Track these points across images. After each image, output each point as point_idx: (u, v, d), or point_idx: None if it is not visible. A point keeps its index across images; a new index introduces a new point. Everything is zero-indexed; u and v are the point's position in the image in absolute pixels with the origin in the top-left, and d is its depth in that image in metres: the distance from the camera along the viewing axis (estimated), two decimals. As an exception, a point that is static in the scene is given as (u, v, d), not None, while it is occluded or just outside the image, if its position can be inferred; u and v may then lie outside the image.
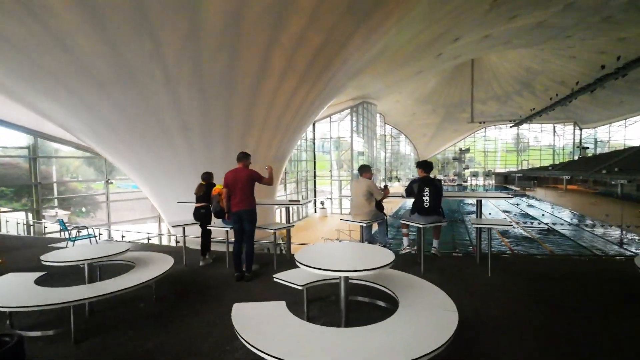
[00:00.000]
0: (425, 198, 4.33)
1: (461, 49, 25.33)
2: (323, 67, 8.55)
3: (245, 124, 8.35)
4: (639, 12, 21.99)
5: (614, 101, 44.67)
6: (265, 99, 8.13)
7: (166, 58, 6.66)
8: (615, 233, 19.11)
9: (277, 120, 8.97)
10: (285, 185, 23.67)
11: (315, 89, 9.13)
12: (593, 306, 3.31)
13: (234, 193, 4.21)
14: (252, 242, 4.29)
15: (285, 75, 7.91)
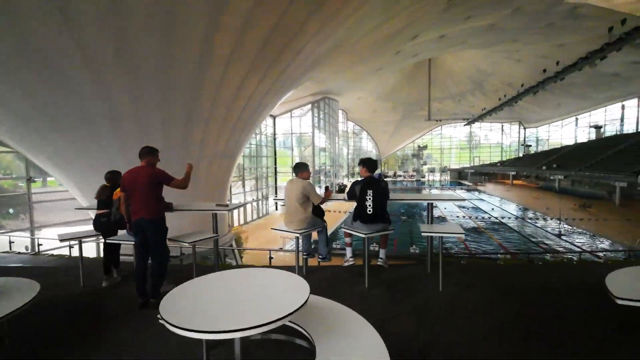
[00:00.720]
0: (368, 203, 3.76)
1: (419, 47, 25.85)
2: (275, 55, 7.90)
3: (188, 115, 7.43)
4: (576, 20, 23.84)
5: (553, 103, 48.79)
6: (211, 87, 7.30)
7: (83, 34, 5.61)
8: (554, 224, 20.66)
9: (225, 111, 8.17)
10: (243, 183, 22.64)
11: (267, 79, 8.45)
12: (567, 330, 2.84)
13: (132, 198, 3.39)
14: (161, 260, 3.46)
15: (232, 63, 7.14)
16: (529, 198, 34.04)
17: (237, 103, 8.22)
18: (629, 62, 30.78)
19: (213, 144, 8.56)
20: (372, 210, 3.74)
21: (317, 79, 21.20)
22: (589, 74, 35.81)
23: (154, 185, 3.39)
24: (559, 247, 15.62)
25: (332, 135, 36.46)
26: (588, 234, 18.15)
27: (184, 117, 7.47)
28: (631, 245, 15.10)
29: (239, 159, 23.24)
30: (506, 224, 21.18)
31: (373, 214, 3.74)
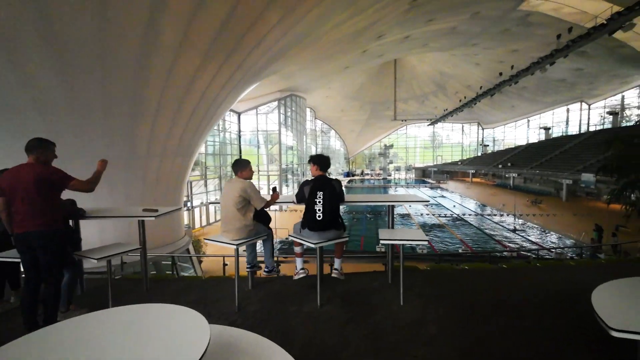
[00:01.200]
0: (318, 207, 3.19)
1: (385, 47, 26.16)
2: (232, 45, 7.33)
3: (133, 107, 6.63)
4: (528, 28, 25.33)
5: (508, 105, 51.99)
6: (158, 77, 6.57)
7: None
8: (510, 220, 21.82)
9: (177, 104, 7.46)
10: (205, 182, 21.55)
11: (225, 71, 7.85)
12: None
13: (14, 205, 2.63)
14: (56, 285, 2.71)
15: (182, 50, 6.48)
16: (486, 195, 35.90)
17: (190, 96, 7.55)
18: (574, 69, 33.39)
19: (164, 140, 7.80)
20: (321, 215, 3.17)
21: (282, 74, 20.65)
22: (539, 79, 38.53)
23: (44, 189, 2.63)
24: (515, 245, 16.43)
25: (300, 133, 36.00)
26: (539, 229, 19.32)
27: (128, 110, 6.65)
28: (578, 240, 16.28)
29: (200, 157, 22.11)
30: (467, 220, 22.02)
31: (323, 220, 3.17)
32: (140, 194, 7.91)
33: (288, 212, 24.55)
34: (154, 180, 8.13)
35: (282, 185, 27.75)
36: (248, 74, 9.03)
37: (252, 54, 8.20)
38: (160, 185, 8.43)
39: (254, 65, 8.86)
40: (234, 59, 7.74)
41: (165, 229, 8.70)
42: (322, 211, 3.19)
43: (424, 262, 13.18)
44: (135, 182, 7.68)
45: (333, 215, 3.23)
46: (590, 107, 43.24)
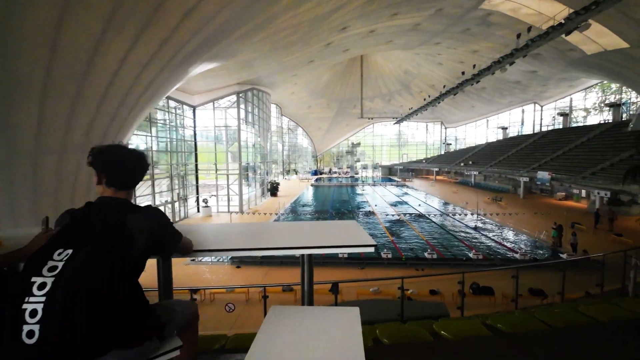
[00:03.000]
0: (35, 307, 0.99)
1: (350, 41, 25.28)
2: (149, 14, 5.83)
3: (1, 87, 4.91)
4: (489, 28, 25.66)
5: (468, 105, 53.73)
6: (36, 46, 4.89)
7: None
8: (472, 217, 21.86)
9: (74, 87, 5.80)
10: (152, 183, 19.34)
11: (142, 47, 6.30)
12: None
13: None
14: None
15: (68, 8, 4.86)
16: (449, 193, 36.51)
17: (93, 76, 5.93)
18: (528, 72, 34.75)
19: (59, 133, 6.10)
20: (38, 334, 0.96)
21: (238, 63, 18.97)
22: (496, 81, 39.87)
23: None
24: (478, 243, 16.17)
25: (264, 129, 34.28)
26: (500, 226, 19.40)
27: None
28: (538, 239, 16.38)
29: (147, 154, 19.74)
30: (431, 219, 21.73)
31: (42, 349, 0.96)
32: (30, 201, 6.15)
33: (240, 215, 22.87)
34: (53, 183, 6.38)
35: (243, 185, 26.00)
36: (180, 53, 7.50)
37: (180, 29, 6.71)
38: (63, 189, 6.67)
39: (187, 43, 7.35)
40: (154, 32, 6.22)
41: None
42: (44, 320, 0.98)
43: (389, 268, 12.43)
44: (19, 186, 5.90)
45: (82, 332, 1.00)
46: (542, 109, 45.68)
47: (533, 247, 15.39)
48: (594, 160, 26.24)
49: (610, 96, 37.95)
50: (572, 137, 33.23)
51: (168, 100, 21.34)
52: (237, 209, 25.06)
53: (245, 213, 23.21)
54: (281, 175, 60.59)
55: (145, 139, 19.59)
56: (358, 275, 11.76)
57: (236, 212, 23.47)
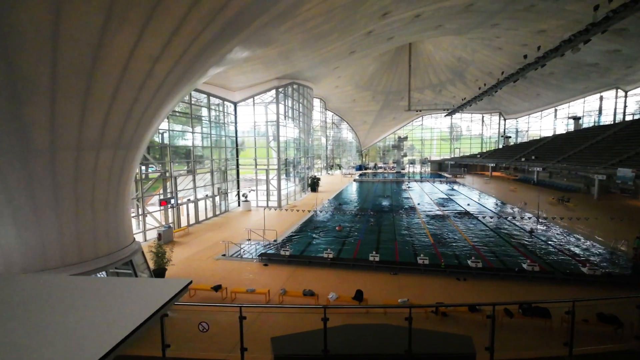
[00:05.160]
0: None
1: (393, 28, 23.67)
2: (151, 3, 5.54)
3: (11, 84, 4.95)
4: (556, 2, 22.20)
5: (532, 94, 47.99)
6: (35, 38, 4.82)
7: None
8: (531, 222, 19.26)
9: (84, 80, 5.74)
10: (194, 177, 20.09)
11: (149, 38, 6.07)
12: None
13: None
14: None
15: (65, 0, 4.70)
16: (506, 191, 32.96)
17: (102, 71, 5.85)
18: (609, 51, 29.68)
19: (73, 129, 6.15)
20: None
21: (273, 55, 18.73)
22: (568, 64, 34.77)
23: None
24: (533, 251, 14.06)
25: (306, 124, 34.07)
26: (566, 232, 16.73)
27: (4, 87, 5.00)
28: (615, 249, 13.70)
29: (190, 150, 20.51)
30: (480, 220, 19.61)
31: None
32: (51, 197, 6.35)
33: (278, 211, 22.84)
34: (69, 180, 6.53)
35: (282, 180, 26.05)
36: (195, 45, 7.23)
37: (190, 20, 6.39)
38: (84, 185, 6.82)
39: (200, 34, 7.04)
40: (160, 23, 5.96)
41: (89, 235, 7.13)
42: None
43: (425, 276, 11.23)
44: (38, 182, 6.09)
45: None
46: (627, 94, 38.92)
47: (608, 259, 12.90)
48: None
49: None
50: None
51: (209, 97, 21.97)
52: (276, 204, 25.18)
53: (284, 209, 23.18)
54: (324, 170, 60.35)
55: (189, 135, 20.39)
56: (388, 281, 10.78)
57: (275, 208, 23.55)
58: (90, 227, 7.24)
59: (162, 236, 15.26)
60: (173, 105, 9.35)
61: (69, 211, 6.87)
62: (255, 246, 14.71)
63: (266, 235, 15.93)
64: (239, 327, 4.08)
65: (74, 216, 6.97)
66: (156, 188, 19.21)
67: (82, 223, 7.14)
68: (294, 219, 20.20)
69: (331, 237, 16.80)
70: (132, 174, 8.50)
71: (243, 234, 16.50)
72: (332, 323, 5.06)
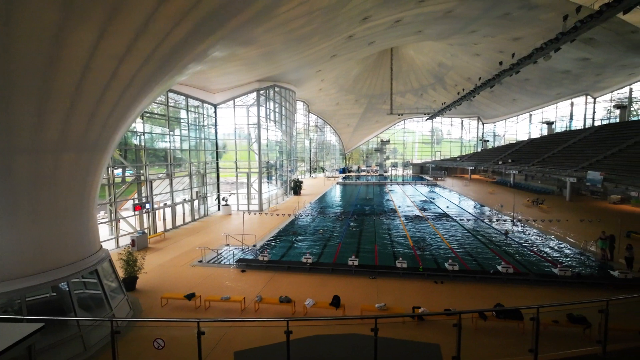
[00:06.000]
0: None
1: (374, 32, 23.88)
2: (113, 1, 5.28)
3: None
4: (531, 11, 23.02)
5: (509, 99, 49.59)
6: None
7: None
8: (507, 223, 19.77)
9: (40, 79, 5.38)
10: (170, 181, 19.50)
11: (113, 38, 5.79)
12: None
13: None
14: None
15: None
16: (484, 193, 33.79)
17: (59, 70, 5.51)
18: (579, 59, 31.05)
19: (28, 131, 5.76)
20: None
21: (255, 57, 18.48)
22: (542, 71, 36.18)
23: None
24: (507, 253, 14.40)
25: (288, 127, 33.85)
26: (539, 234, 17.25)
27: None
28: (584, 249, 14.20)
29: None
30: (459, 223, 19.97)
31: None
32: (6, 201, 5.93)
33: (259, 215, 22.53)
34: (26, 184, 6.12)
35: (263, 184, 25.71)
36: (164, 45, 6.96)
37: (157, 17, 6.14)
38: (40, 190, 6.41)
39: (169, 34, 6.79)
40: (124, 22, 5.68)
41: (50, 244, 6.72)
42: None
43: (404, 279, 11.25)
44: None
45: None
46: (595, 101, 40.86)
47: (578, 260, 13.35)
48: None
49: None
50: (631, 132, 29.21)
51: (188, 99, 21.45)
52: (257, 208, 24.80)
53: (265, 213, 22.87)
54: (308, 173, 60.20)
55: (167, 138, 19.80)
56: (366, 285, 10.71)
57: (256, 212, 23.17)
58: (51, 234, 6.81)
59: (135, 242, 14.68)
60: (144, 106, 9.00)
61: (27, 218, 6.44)
62: (233, 252, 14.38)
63: (245, 240, 15.62)
64: (197, 343, 3.86)
65: (33, 223, 6.54)
66: (131, 192, 18.54)
67: (42, 231, 6.71)
68: (274, 223, 19.93)
69: (312, 241, 16.66)
70: (99, 178, 8.08)
71: (222, 239, 16.11)
72: (303, 333, 4.91)
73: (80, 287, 8.15)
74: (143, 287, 10.70)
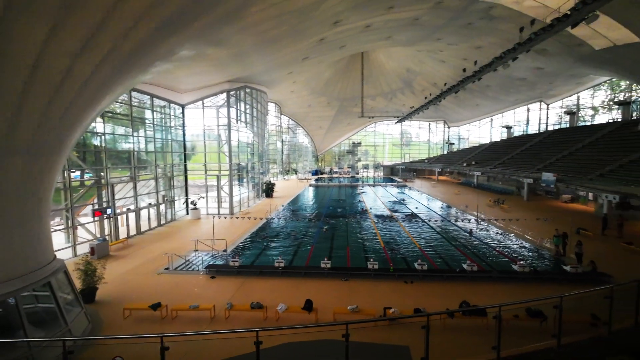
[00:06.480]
0: None
1: (345, 36, 24.21)
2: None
3: None
4: (491, 21, 24.40)
5: (472, 104, 52.25)
6: None
7: None
8: (471, 223, 20.73)
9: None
10: (134, 184, 18.52)
11: (67, 34, 5.42)
12: None
13: None
14: None
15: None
16: (450, 194, 35.27)
17: (6, 63, 5.05)
18: (534, 68, 33.33)
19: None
20: None
21: (224, 58, 18.07)
22: (502, 78, 38.46)
23: None
24: (473, 250, 15.10)
25: (260, 129, 33.38)
26: (501, 232, 18.26)
27: None
28: (540, 247, 15.23)
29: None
30: (428, 224, 20.68)
31: None
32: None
33: (230, 219, 22.04)
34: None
35: (235, 186, 25.14)
36: (126, 43, 6.59)
37: (116, 14, 5.80)
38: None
39: (131, 31, 6.44)
40: (78, 15, 5.32)
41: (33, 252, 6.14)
42: None
43: (376, 280, 11.44)
44: None
45: None
46: (548, 107, 44.07)
47: (535, 256, 14.27)
48: (602, 161, 24.90)
49: (620, 94, 36.32)
50: (579, 136, 31.81)
51: (153, 99, 20.51)
52: (228, 211, 24.19)
53: (236, 216, 22.31)
54: (280, 175, 59.73)
55: (131, 139, 18.80)
56: (339, 288, 10.77)
57: (226, 216, 22.58)
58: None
59: (95, 250, 13.77)
60: (105, 106, 8.49)
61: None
62: (203, 257, 13.89)
63: (215, 245, 15.16)
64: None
65: (-26, 234, 5.93)
66: (90, 196, 17.38)
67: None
68: (246, 227, 19.54)
69: (284, 244, 16.50)
70: (51, 183, 7.50)
71: (190, 245, 15.52)
72: (274, 340, 4.82)
73: (32, 302, 7.50)
74: (104, 299, 10.05)
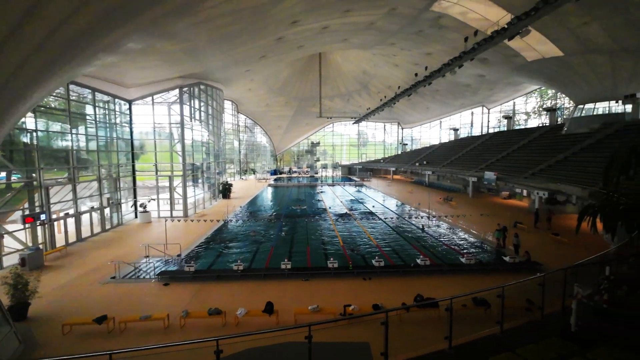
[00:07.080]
0: None
1: (303, 37, 24.27)
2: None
3: None
4: (440, 30, 26.04)
5: (423, 107, 55.37)
6: None
7: None
8: (423, 219, 21.98)
9: None
10: (74, 186, 16.82)
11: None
12: None
13: None
14: None
15: None
16: (405, 192, 37.06)
17: None
18: (478, 75, 36.24)
19: None
20: None
21: (177, 53, 17.14)
22: (449, 83, 41.28)
23: None
24: (425, 245, 16.01)
25: (216, 127, 32.16)
26: (450, 228, 19.61)
27: None
28: (484, 240, 16.64)
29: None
30: (387, 223, 21.51)
31: None
32: None
33: (184, 222, 21.06)
34: None
35: (189, 187, 23.96)
36: (61, 32, 5.97)
37: (41, 5, 5.23)
38: None
39: (67, 20, 5.85)
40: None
41: None
42: None
43: (336, 279, 11.66)
44: None
45: None
46: (489, 111, 48.22)
47: (480, 249, 15.54)
48: (534, 161, 27.82)
49: (548, 101, 40.96)
50: (515, 139, 35.20)
51: (95, 93, 18.80)
52: (182, 214, 23.01)
53: (190, 220, 21.32)
54: (238, 175, 58.18)
55: (69, 137, 17.01)
56: (300, 288, 10.81)
57: (180, 219, 21.45)
58: None
59: (26, 261, 12.29)
60: (37, 100, 7.63)
61: None
62: (154, 264, 13.05)
63: (168, 250, 14.34)
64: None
65: None
66: (20, 200, 15.44)
67: None
68: (202, 230, 18.74)
69: (243, 247, 16.11)
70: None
71: (140, 251, 14.50)
72: (235, 347, 4.70)
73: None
74: (39, 315, 9.02)
